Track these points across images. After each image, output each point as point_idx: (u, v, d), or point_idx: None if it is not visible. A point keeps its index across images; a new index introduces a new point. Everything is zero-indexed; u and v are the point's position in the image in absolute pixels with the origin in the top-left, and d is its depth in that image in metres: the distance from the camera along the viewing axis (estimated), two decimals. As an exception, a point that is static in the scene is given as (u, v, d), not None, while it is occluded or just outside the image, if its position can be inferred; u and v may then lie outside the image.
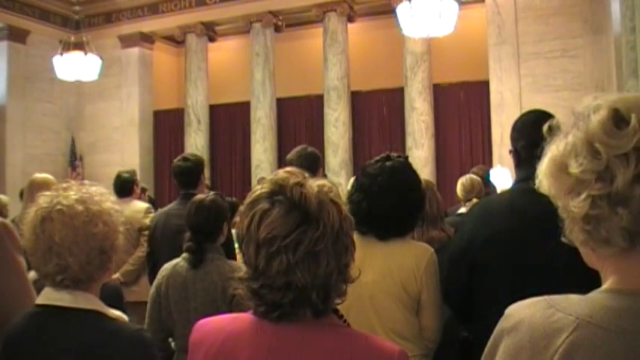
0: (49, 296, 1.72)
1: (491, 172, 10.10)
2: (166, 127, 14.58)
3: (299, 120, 13.59)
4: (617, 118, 1.04)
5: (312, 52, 13.28)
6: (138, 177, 13.93)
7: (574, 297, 1.08)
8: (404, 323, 2.47)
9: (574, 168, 1.05)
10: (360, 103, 12.77)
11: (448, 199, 11.92)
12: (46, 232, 1.68)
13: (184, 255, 3.16)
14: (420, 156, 11.67)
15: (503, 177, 9.89)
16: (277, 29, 13.47)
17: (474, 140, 12.08)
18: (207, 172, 13.66)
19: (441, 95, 12.10)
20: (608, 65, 9.44)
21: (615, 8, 8.08)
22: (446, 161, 12.09)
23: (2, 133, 13.28)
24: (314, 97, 12.99)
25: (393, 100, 12.48)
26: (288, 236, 1.27)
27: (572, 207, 1.06)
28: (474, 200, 5.39)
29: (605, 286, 1.08)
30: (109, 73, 12.99)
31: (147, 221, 5.30)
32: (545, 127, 1.16)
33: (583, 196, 1.04)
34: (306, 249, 1.27)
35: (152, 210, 5.68)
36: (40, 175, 4.76)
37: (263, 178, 6.23)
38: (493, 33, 11.12)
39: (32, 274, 3.21)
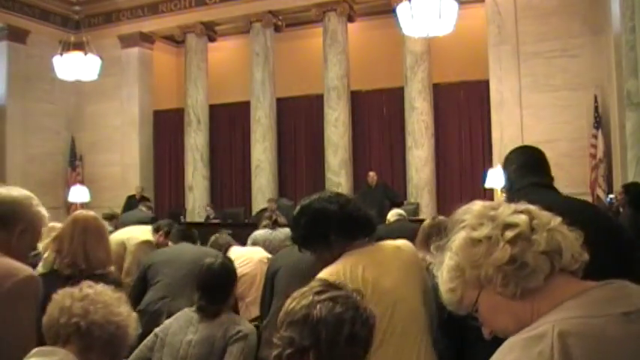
0: None
1: (490, 171, 10.13)
2: (166, 126, 14.58)
3: (299, 120, 13.59)
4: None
5: (311, 52, 13.28)
6: (138, 178, 13.96)
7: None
8: (429, 322, 2.40)
9: (482, 234, 1.20)
10: (360, 102, 12.77)
11: (448, 199, 11.98)
12: None
13: (195, 307, 3.14)
14: (420, 155, 11.67)
15: (502, 177, 9.90)
16: (277, 29, 13.48)
17: (474, 140, 12.08)
18: (206, 172, 13.72)
19: (441, 95, 12.10)
20: (607, 65, 9.44)
21: (615, 8, 8.09)
22: (446, 161, 12.10)
23: (2, 134, 13.29)
24: (314, 96, 12.99)
25: (393, 99, 12.48)
26: None
27: (493, 260, 1.17)
28: None
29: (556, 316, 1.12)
30: (108, 73, 12.98)
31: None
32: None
33: (500, 244, 1.17)
34: None
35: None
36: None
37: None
38: (493, 33, 11.13)
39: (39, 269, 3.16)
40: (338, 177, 12.19)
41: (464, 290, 1.22)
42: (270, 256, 4.89)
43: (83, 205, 13.24)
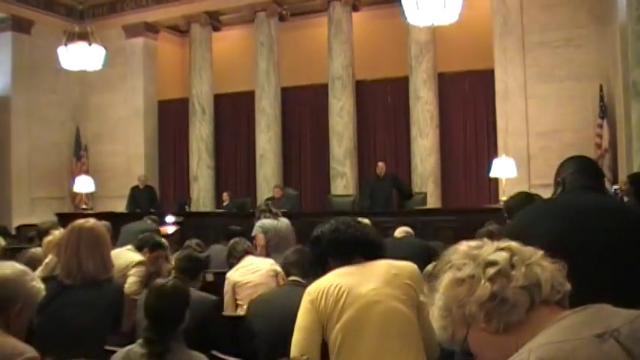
0: None
1: (495, 161, 10.10)
2: (171, 116, 14.59)
3: (303, 109, 13.59)
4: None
5: (316, 42, 13.25)
6: (143, 168, 13.96)
7: None
8: (416, 330, 2.41)
9: (465, 274, 1.25)
10: (364, 92, 12.75)
11: (452, 188, 12.00)
12: None
13: (140, 342, 2.70)
14: (425, 145, 11.67)
15: (507, 167, 9.88)
16: (282, 18, 13.45)
17: (479, 129, 12.07)
18: (211, 162, 13.74)
19: (446, 84, 12.09)
20: (613, 55, 9.39)
21: (621, -3, 8.04)
22: (451, 150, 12.09)
23: (7, 124, 13.32)
24: (318, 86, 12.98)
25: (398, 89, 12.46)
26: None
27: (477, 297, 1.21)
28: None
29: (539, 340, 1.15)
30: (113, 63, 12.96)
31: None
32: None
33: (482, 282, 1.22)
34: None
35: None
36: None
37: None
38: (498, 22, 11.08)
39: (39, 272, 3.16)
40: (343, 167, 12.20)
41: (454, 328, 1.27)
42: (278, 269, 4.93)
43: (88, 195, 13.31)
